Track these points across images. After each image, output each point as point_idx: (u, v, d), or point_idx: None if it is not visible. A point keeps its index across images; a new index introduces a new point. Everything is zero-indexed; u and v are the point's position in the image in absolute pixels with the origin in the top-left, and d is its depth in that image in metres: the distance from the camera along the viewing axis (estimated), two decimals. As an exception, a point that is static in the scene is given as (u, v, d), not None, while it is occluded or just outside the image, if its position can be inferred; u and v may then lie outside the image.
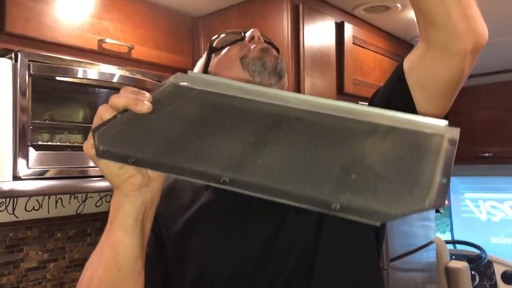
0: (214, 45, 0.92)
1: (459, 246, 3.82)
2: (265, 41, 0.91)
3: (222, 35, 0.94)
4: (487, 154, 3.57)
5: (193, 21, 2.17)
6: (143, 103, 0.52)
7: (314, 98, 0.47)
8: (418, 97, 0.72)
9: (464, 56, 0.65)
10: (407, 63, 0.74)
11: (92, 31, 1.72)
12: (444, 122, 0.44)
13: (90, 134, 0.55)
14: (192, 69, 0.99)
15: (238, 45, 0.89)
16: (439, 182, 0.41)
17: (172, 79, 0.53)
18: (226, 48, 0.90)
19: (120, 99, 0.54)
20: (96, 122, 0.56)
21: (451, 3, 0.62)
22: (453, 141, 0.43)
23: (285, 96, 0.48)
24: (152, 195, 0.62)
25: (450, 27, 0.64)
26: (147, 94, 0.54)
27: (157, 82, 1.84)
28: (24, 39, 1.53)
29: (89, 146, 0.56)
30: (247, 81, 0.82)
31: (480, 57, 0.70)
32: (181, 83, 0.51)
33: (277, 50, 0.93)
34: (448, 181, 0.41)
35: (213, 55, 0.91)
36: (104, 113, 0.55)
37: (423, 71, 0.71)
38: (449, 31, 0.64)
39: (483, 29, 0.65)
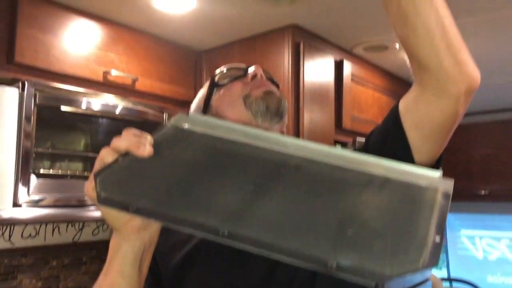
0: (216, 80, 0.93)
1: (455, 284, 3.78)
2: (266, 77, 0.93)
3: (224, 70, 0.95)
4: (483, 192, 3.58)
5: (196, 55, 2.23)
6: (145, 147, 0.53)
7: (313, 145, 0.49)
8: (413, 138, 0.74)
9: (458, 99, 0.68)
10: (402, 104, 0.77)
11: (98, 63, 1.76)
12: (438, 173, 0.45)
13: (92, 176, 0.56)
14: (193, 101, 1.01)
15: (240, 83, 0.90)
16: (433, 240, 0.42)
17: (173, 120, 0.53)
18: (229, 84, 0.91)
19: (122, 142, 0.55)
20: (98, 164, 0.57)
21: (441, 48, 0.65)
22: (447, 195, 0.44)
23: (285, 142, 0.49)
24: (151, 237, 0.63)
25: (442, 72, 0.66)
26: (149, 137, 0.55)
27: (159, 114, 1.88)
28: (32, 69, 1.57)
29: (90, 188, 0.57)
30: (249, 120, 0.85)
31: (478, 96, 0.72)
32: (182, 125, 0.52)
33: (277, 86, 0.95)
34: (442, 238, 0.42)
35: (215, 89, 0.92)
36: (106, 156, 0.56)
37: (418, 112, 0.73)
38: (442, 75, 0.66)
39: (475, 73, 0.68)
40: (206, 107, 0.92)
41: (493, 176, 3.58)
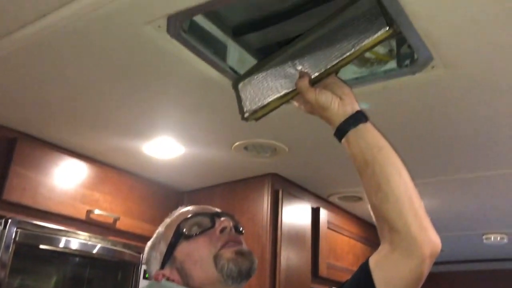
0: (181, 227, 0.89)
1: None
2: (233, 225, 0.92)
3: (191, 217, 0.91)
4: None
5: (178, 195, 2.30)
6: None
7: None
8: None
9: (423, 261, 0.76)
10: (373, 261, 0.83)
11: (83, 202, 1.81)
12: None
13: None
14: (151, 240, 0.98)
15: (208, 238, 0.88)
16: None
17: None
18: (196, 238, 0.88)
19: None
20: None
21: (409, 216, 0.76)
22: None
23: None
24: None
25: (410, 236, 0.76)
26: None
27: (136, 254, 1.88)
28: (18, 206, 1.61)
29: None
30: (219, 282, 0.83)
31: (451, 246, 0.82)
32: None
33: (242, 232, 0.94)
34: None
35: (180, 239, 0.88)
36: None
37: (388, 270, 0.80)
38: (410, 239, 0.76)
39: (437, 239, 0.78)
40: (169, 255, 0.88)
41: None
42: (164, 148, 1.83)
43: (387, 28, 0.88)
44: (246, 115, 1.02)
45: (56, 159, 1.77)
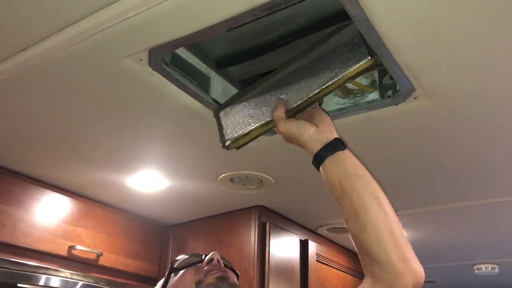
0: (174, 266, 0.95)
1: None
2: (225, 265, 0.94)
3: (185, 257, 0.97)
4: None
5: (164, 229, 2.26)
6: None
7: None
8: None
9: None
10: None
11: (64, 237, 1.76)
12: None
13: None
14: (157, 278, 1.02)
15: (194, 268, 0.93)
16: None
17: None
18: (184, 270, 0.93)
19: None
20: None
21: (389, 246, 0.73)
22: None
23: None
24: None
25: (391, 267, 0.73)
26: None
27: (120, 291, 1.82)
28: (-4, 244, 1.56)
29: None
30: None
31: (442, 277, 0.79)
32: None
33: (237, 275, 0.96)
34: None
35: (172, 275, 0.94)
36: None
37: None
38: (391, 270, 0.73)
39: (420, 269, 0.75)
40: None
41: None
42: (148, 182, 1.80)
43: (369, 57, 0.88)
44: (227, 143, 1.01)
45: (36, 194, 1.73)
